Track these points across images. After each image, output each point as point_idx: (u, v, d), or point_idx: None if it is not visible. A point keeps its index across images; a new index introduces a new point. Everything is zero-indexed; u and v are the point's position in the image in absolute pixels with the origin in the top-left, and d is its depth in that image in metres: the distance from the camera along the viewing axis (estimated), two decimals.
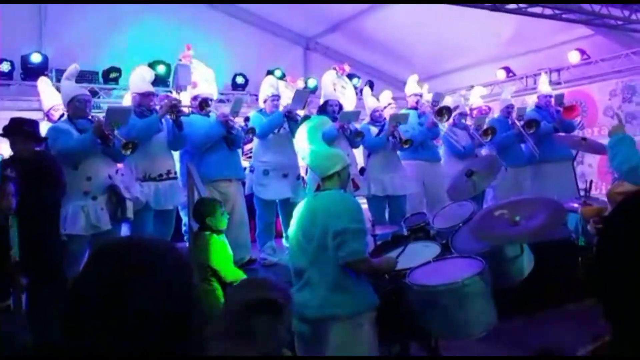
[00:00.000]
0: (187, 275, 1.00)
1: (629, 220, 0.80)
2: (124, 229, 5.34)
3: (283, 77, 7.36)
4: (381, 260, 2.92)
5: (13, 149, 3.82)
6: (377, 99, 6.16)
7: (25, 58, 7.54)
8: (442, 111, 5.80)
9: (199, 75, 4.84)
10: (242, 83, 9.14)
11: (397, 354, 3.02)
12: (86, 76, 7.98)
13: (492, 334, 2.74)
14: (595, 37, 8.07)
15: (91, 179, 4.00)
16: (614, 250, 0.80)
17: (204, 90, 4.81)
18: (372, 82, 9.77)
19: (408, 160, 5.90)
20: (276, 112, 5.02)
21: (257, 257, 4.95)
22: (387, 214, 5.70)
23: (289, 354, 1.93)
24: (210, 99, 4.82)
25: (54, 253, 3.63)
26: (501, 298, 2.81)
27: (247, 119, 5.44)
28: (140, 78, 4.58)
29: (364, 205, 5.03)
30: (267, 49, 9.53)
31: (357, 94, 7.39)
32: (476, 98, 7.01)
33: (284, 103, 5.15)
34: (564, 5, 6.14)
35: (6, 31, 6.64)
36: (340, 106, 5.45)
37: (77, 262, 3.72)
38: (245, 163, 6.05)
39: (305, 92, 5.29)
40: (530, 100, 7.24)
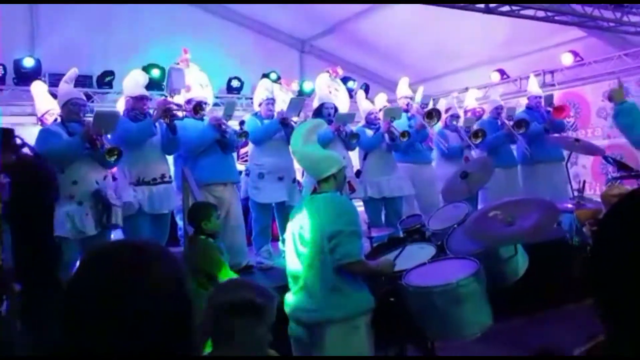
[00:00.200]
0: (182, 276, 0.99)
1: (623, 222, 0.81)
2: (118, 234, 5.32)
3: (278, 79, 7.36)
4: (378, 263, 2.92)
5: None
6: (372, 102, 6.16)
7: (18, 62, 7.50)
8: (432, 113, 5.82)
9: (193, 79, 4.83)
10: (237, 86, 9.13)
11: (394, 356, 3.02)
12: (80, 80, 7.95)
13: (487, 334, 2.74)
14: (588, 39, 8.12)
15: (77, 183, 3.96)
16: (609, 252, 0.81)
17: (198, 93, 4.81)
18: (367, 85, 9.79)
19: (398, 163, 5.88)
20: (272, 119, 5.01)
21: (253, 263, 4.93)
22: (383, 216, 5.70)
23: (275, 354, 1.93)
24: (204, 102, 4.81)
25: (48, 257, 3.61)
26: (496, 298, 2.82)
27: (243, 122, 5.43)
28: (133, 82, 4.56)
29: (360, 208, 5.03)
30: (262, 52, 9.53)
31: (352, 96, 7.40)
32: (471, 100, 7.04)
33: (278, 106, 5.15)
34: (556, 7, 6.17)
35: None
36: (335, 109, 5.46)
37: (67, 265, 3.67)
38: (241, 167, 6.04)
39: (300, 99, 5.30)
40: (524, 102, 7.28)
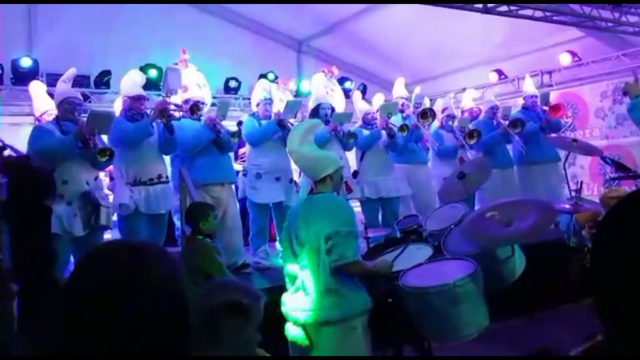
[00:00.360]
0: (180, 276, 1.00)
1: (622, 223, 0.82)
2: (116, 234, 5.31)
3: (276, 80, 7.35)
4: (376, 263, 2.91)
5: None
6: (370, 103, 6.16)
7: (16, 62, 7.50)
8: (426, 113, 5.81)
9: (190, 79, 4.83)
10: (234, 87, 9.13)
11: (391, 356, 3.01)
12: (77, 80, 7.94)
13: (485, 334, 2.74)
14: (586, 39, 8.12)
15: (67, 183, 3.94)
16: (608, 253, 0.81)
17: (195, 93, 4.80)
18: (365, 86, 9.79)
19: (394, 164, 5.87)
20: (270, 121, 5.01)
21: (250, 262, 4.93)
22: (380, 216, 5.69)
23: (264, 354, 1.92)
24: (201, 102, 4.80)
25: (46, 257, 3.60)
26: (493, 299, 2.82)
27: (241, 123, 5.42)
28: (131, 82, 4.57)
29: (357, 208, 5.03)
30: (260, 52, 9.53)
31: (349, 97, 7.40)
32: (468, 100, 7.03)
33: (276, 106, 5.14)
34: (555, 7, 6.16)
35: None
36: (332, 109, 5.45)
37: (60, 265, 3.67)
38: (239, 167, 6.04)
39: (297, 101, 5.29)
40: (522, 102, 7.28)
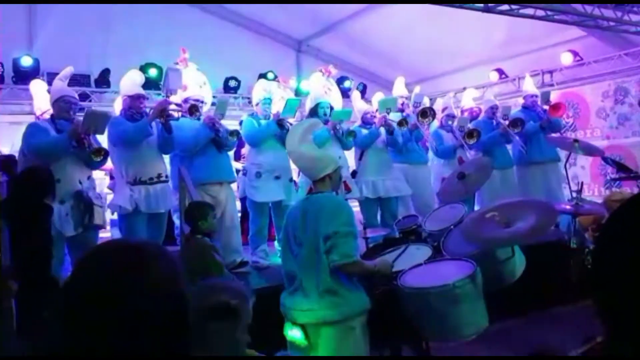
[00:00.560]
0: (180, 275, 0.99)
1: (625, 226, 0.82)
2: (116, 233, 5.32)
3: (276, 79, 7.34)
4: (376, 263, 2.91)
5: None
6: (369, 102, 6.15)
7: (16, 61, 7.50)
8: (426, 112, 5.79)
9: (190, 79, 4.82)
10: (234, 86, 9.13)
11: (390, 356, 3.01)
12: (78, 79, 7.95)
13: (484, 335, 2.74)
14: (588, 39, 8.10)
15: (60, 182, 3.90)
16: (611, 256, 0.81)
17: (194, 92, 4.79)
18: (364, 85, 9.78)
19: (393, 164, 5.85)
20: (269, 120, 5.01)
21: (248, 260, 4.93)
22: (379, 216, 5.68)
23: (254, 353, 1.91)
24: (201, 101, 4.79)
25: (46, 256, 3.60)
26: (493, 300, 2.81)
27: (242, 122, 5.42)
28: (130, 81, 4.57)
29: (356, 208, 5.02)
30: (259, 52, 9.52)
31: (348, 96, 7.39)
32: (468, 99, 7.01)
33: (277, 104, 5.14)
34: (556, 6, 6.14)
35: None
36: (331, 108, 5.45)
37: (55, 262, 3.66)
38: (239, 166, 6.04)
39: (296, 100, 5.28)
40: (522, 101, 7.26)
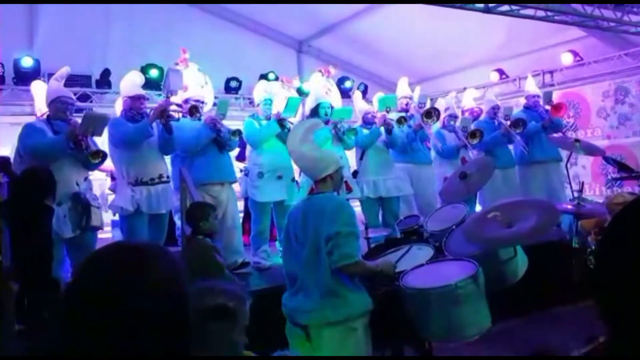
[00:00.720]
0: (181, 276, 1.00)
1: (627, 228, 0.83)
2: (117, 234, 5.31)
3: (280, 79, 7.33)
4: (378, 263, 2.90)
5: None
6: (370, 103, 6.14)
7: (17, 62, 7.49)
8: (430, 113, 5.79)
9: (190, 79, 4.82)
10: (235, 86, 9.13)
11: (392, 356, 3.00)
12: (78, 80, 7.96)
13: (486, 335, 2.73)
14: (588, 39, 8.10)
15: (57, 183, 3.87)
16: (614, 258, 0.82)
17: (195, 93, 4.78)
18: (365, 86, 9.77)
19: (396, 163, 5.85)
20: (270, 121, 5.00)
21: (250, 260, 4.92)
22: (380, 216, 5.68)
23: (251, 354, 1.91)
24: (201, 101, 4.78)
25: (46, 257, 3.60)
26: (495, 299, 2.81)
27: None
28: (130, 82, 4.57)
29: (357, 208, 5.01)
30: (260, 52, 9.52)
31: (349, 96, 7.39)
32: (468, 100, 7.01)
33: (278, 104, 5.13)
34: (556, 7, 6.14)
35: None
36: (332, 108, 5.44)
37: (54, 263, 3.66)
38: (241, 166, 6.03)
39: (297, 99, 5.27)
40: (523, 101, 7.25)
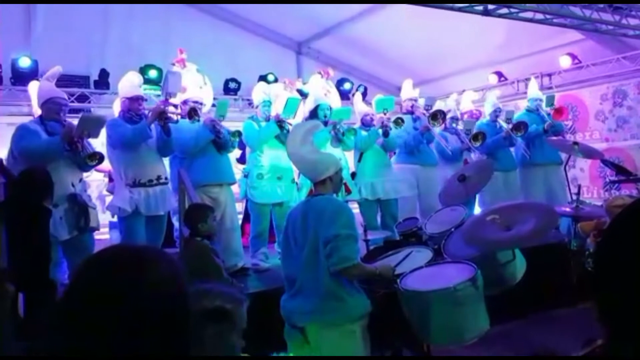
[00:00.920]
0: (181, 277, 0.99)
1: (627, 231, 0.83)
2: (115, 235, 5.30)
3: (276, 82, 7.33)
4: (377, 266, 2.89)
5: None
6: (370, 105, 6.14)
7: (15, 62, 7.46)
8: (437, 115, 5.79)
9: (189, 80, 4.81)
10: (234, 88, 9.12)
11: (391, 356, 3.01)
12: (76, 81, 7.94)
13: (485, 337, 2.73)
14: (586, 42, 8.12)
15: (54, 185, 3.90)
16: (613, 260, 0.82)
17: (193, 94, 4.77)
18: (365, 88, 9.77)
19: (403, 164, 5.86)
20: (269, 122, 5.00)
21: (249, 266, 4.89)
22: (379, 218, 5.68)
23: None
24: (200, 103, 4.77)
25: (43, 259, 3.59)
26: (494, 302, 2.80)
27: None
28: (129, 83, 4.56)
29: (356, 210, 5.00)
30: (259, 54, 9.50)
31: (349, 98, 7.38)
32: (467, 102, 7.01)
33: (278, 105, 5.13)
34: (555, 9, 6.15)
35: None
36: (331, 109, 5.44)
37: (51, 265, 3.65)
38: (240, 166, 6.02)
39: (297, 99, 5.26)
40: (522, 104, 7.26)
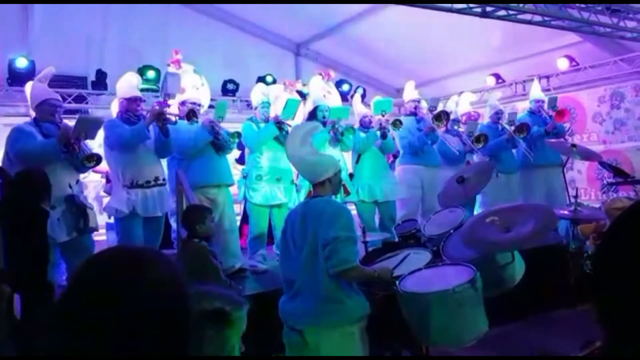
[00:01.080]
0: (180, 278, 0.99)
1: (626, 233, 0.83)
2: (112, 236, 5.28)
3: (274, 83, 7.33)
4: (375, 269, 2.88)
5: None
6: (368, 106, 6.14)
7: (11, 62, 7.44)
8: (440, 116, 5.78)
9: (186, 81, 4.80)
10: (232, 89, 9.11)
11: (390, 356, 3.00)
12: (74, 81, 7.93)
13: (484, 339, 2.72)
14: (584, 44, 8.13)
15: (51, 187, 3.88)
16: (613, 262, 0.82)
17: (191, 95, 4.76)
18: (364, 89, 9.77)
19: (407, 165, 5.86)
20: (268, 123, 4.99)
21: (246, 268, 4.87)
22: (377, 219, 5.67)
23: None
24: (198, 104, 4.76)
25: (41, 260, 3.57)
26: (493, 304, 2.80)
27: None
28: (127, 84, 4.55)
29: (353, 211, 4.99)
30: (258, 55, 9.50)
31: (348, 99, 7.38)
32: (465, 104, 7.01)
33: (278, 107, 5.12)
34: (553, 12, 6.16)
35: None
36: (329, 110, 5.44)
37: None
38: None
39: (296, 100, 5.26)
40: (520, 106, 7.27)
